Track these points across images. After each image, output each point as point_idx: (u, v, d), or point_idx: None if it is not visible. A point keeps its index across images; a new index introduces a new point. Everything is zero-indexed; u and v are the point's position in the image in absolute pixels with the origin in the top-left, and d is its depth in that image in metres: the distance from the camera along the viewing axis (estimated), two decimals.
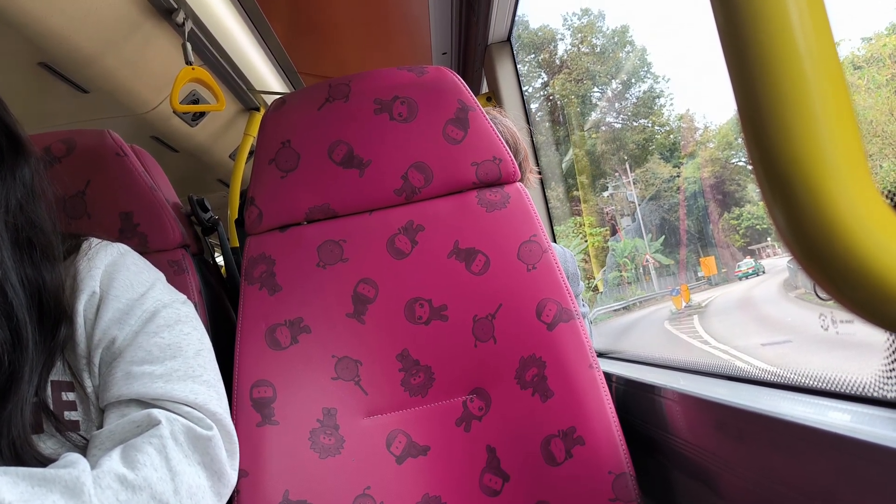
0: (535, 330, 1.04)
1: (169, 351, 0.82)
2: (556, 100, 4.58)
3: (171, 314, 0.86)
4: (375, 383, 1.06)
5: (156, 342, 0.82)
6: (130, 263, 0.88)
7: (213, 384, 0.85)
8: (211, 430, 0.79)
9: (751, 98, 0.34)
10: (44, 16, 1.41)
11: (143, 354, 0.80)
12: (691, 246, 3.96)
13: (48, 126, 1.94)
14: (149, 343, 0.81)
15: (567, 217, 4.16)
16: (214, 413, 0.82)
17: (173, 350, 0.82)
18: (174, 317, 0.86)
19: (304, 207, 1.12)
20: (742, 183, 3.49)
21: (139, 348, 0.81)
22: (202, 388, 0.82)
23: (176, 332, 0.84)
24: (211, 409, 0.81)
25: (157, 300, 0.86)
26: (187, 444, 0.77)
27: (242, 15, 1.96)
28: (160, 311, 0.85)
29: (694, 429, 0.85)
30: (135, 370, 0.79)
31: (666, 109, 4.10)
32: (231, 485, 0.82)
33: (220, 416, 0.82)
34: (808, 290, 2.13)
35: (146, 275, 0.89)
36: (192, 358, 0.83)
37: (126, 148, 1.19)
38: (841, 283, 0.33)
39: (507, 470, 1.00)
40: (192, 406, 0.80)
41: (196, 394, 0.80)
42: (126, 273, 0.86)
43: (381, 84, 1.14)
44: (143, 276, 0.88)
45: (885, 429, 0.53)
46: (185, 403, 0.79)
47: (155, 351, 0.81)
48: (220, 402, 0.84)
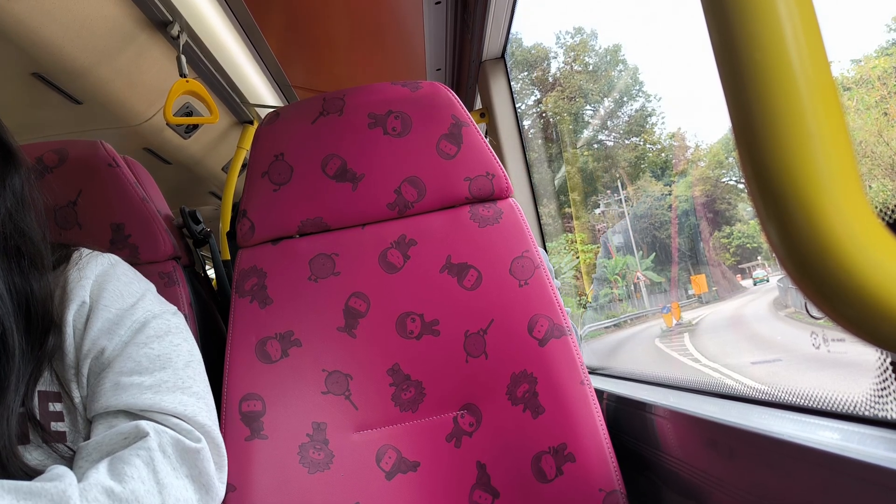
0: (526, 346, 1.04)
1: (158, 362, 0.81)
2: (549, 117, 4.60)
3: (162, 325, 0.85)
4: (366, 398, 1.05)
5: (145, 353, 0.81)
6: (121, 274, 0.88)
7: (203, 396, 0.84)
8: (199, 442, 0.79)
9: (745, 115, 0.34)
10: (38, 26, 1.41)
11: (132, 365, 0.80)
12: (682, 264, 3.97)
13: (41, 136, 1.94)
14: (138, 354, 0.81)
15: (559, 233, 4.16)
16: (203, 425, 0.81)
17: (163, 361, 0.82)
18: (164, 328, 0.85)
19: (296, 220, 1.12)
20: (733, 202, 3.51)
21: (128, 359, 0.80)
22: (191, 399, 0.81)
23: (166, 344, 0.83)
24: (200, 420, 0.81)
25: (147, 311, 0.85)
26: (175, 456, 0.76)
27: (237, 28, 1.96)
28: (150, 321, 0.84)
29: (685, 446, 0.85)
30: (124, 381, 0.78)
31: (657, 128, 4.12)
32: (219, 498, 0.82)
33: (209, 429, 0.82)
34: (798, 308, 2.14)
35: (136, 285, 0.88)
36: (182, 369, 0.83)
37: (118, 159, 1.19)
38: (834, 301, 0.34)
39: (497, 486, 1.00)
40: (180, 418, 0.79)
41: (185, 405, 0.80)
42: (116, 283, 0.86)
43: (375, 98, 1.14)
44: (134, 286, 0.88)
45: (876, 447, 0.53)
46: (173, 415, 0.78)
47: (144, 362, 0.80)
48: (210, 414, 0.84)
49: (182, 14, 1.71)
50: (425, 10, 2.00)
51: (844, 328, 0.34)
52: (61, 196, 1.14)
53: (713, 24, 0.35)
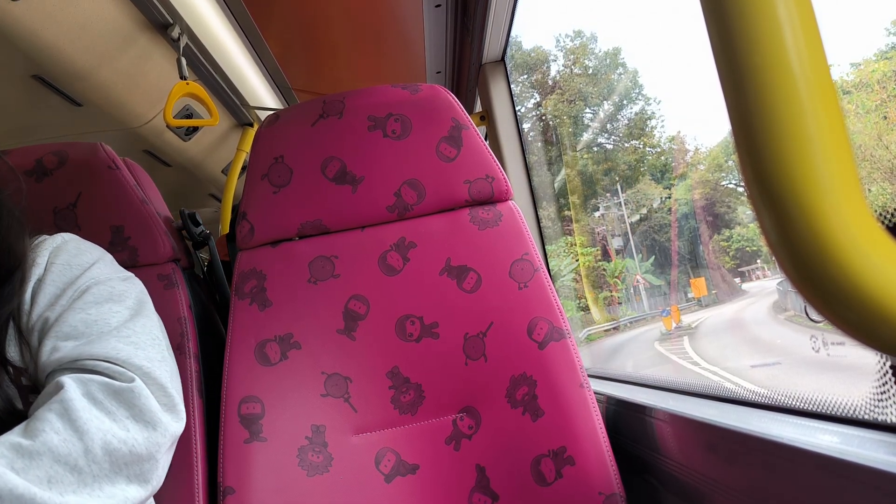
0: (526, 348, 1.04)
1: (95, 326, 0.80)
2: (549, 120, 4.60)
3: (103, 291, 0.84)
4: (365, 400, 1.05)
5: (81, 318, 0.80)
6: (72, 248, 0.88)
7: (143, 346, 0.82)
8: (132, 381, 0.77)
9: (745, 118, 0.34)
10: (38, 28, 1.41)
11: (67, 329, 0.79)
12: (681, 267, 3.97)
13: (41, 138, 1.94)
14: (74, 318, 0.80)
15: (559, 236, 4.17)
16: (139, 366, 0.79)
17: (99, 325, 0.80)
18: (106, 293, 0.84)
19: (296, 223, 1.12)
20: (732, 205, 3.51)
21: (64, 323, 0.79)
22: (124, 345, 0.80)
23: (104, 310, 0.82)
24: (134, 363, 0.79)
25: (91, 278, 0.85)
26: (108, 399, 0.74)
27: (238, 31, 1.96)
28: (91, 287, 0.84)
29: (684, 450, 0.85)
30: (59, 345, 0.78)
31: (657, 131, 4.13)
32: (170, 435, 0.79)
33: (147, 369, 0.79)
34: (798, 311, 2.14)
35: (87, 256, 0.88)
36: (117, 328, 0.81)
37: (118, 161, 1.19)
38: (834, 304, 0.34)
39: (496, 489, 1.00)
40: (110, 361, 0.77)
41: (117, 350, 0.78)
42: (65, 256, 0.86)
43: (375, 101, 1.14)
44: (84, 257, 0.87)
45: (875, 451, 0.53)
46: (102, 359, 0.77)
47: (80, 326, 0.80)
48: (148, 358, 0.81)
49: (182, 16, 1.71)
50: (425, 13, 2.01)
51: (844, 331, 0.34)
52: (61, 198, 1.14)
53: (713, 28, 0.35)
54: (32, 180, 1.13)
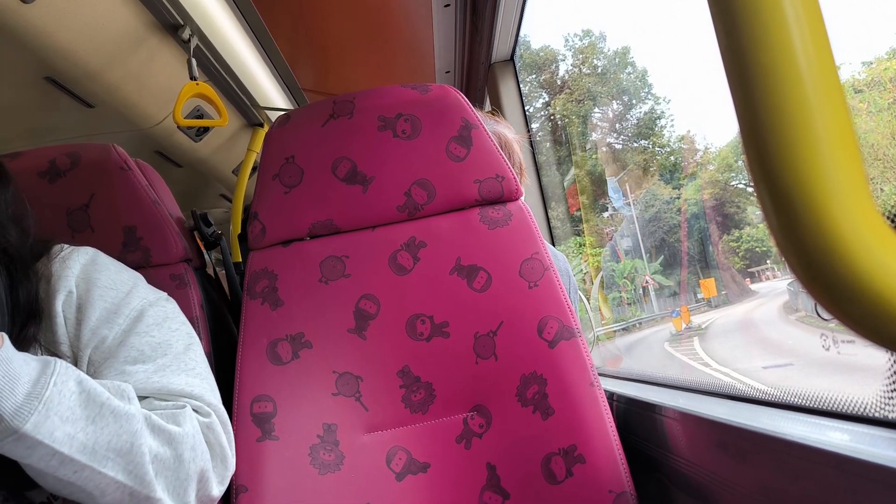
0: (536, 347, 1.04)
1: (160, 349, 0.84)
2: (558, 120, 4.60)
3: (159, 312, 0.88)
4: (376, 399, 1.05)
5: (147, 341, 0.84)
6: (109, 263, 0.90)
7: (206, 377, 0.87)
8: (210, 416, 0.82)
9: (753, 118, 0.34)
10: (50, 31, 1.42)
11: (135, 354, 0.82)
12: (691, 267, 3.96)
13: (54, 140, 1.95)
14: (140, 343, 0.83)
15: (569, 237, 4.16)
16: (211, 403, 0.84)
17: (164, 348, 0.84)
18: (161, 315, 0.88)
19: (307, 223, 1.12)
20: (742, 205, 3.49)
21: (131, 348, 0.82)
22: (196, 380, 0.84)
23: (164, 330, 0.86)
24: (207, 399, 0.84)
25: (143, 298, 0.88)
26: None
27: (248, 32, 1.97)
28: (147, 309, 0.86)
29: (694, 448, 0.85)
30: (128, 369, 0.80)
31: (666, 131, 4.12)
32: (231, 469, 0.85)
33: (216, 406, 0.85)
34: (809, 312, 2.13)
35: (126, 274, 0.91)
36: (182, 353, 0.85)
37: (130, 162, 1.20)
38: (843, 302, 0.34)
39: (507, 488, 1.00)
40: (189, 397, 0.82)
41: (192, 386, 0.83)
42: (107, 273, 0.88)
43: (385, 101, 1.15)
44: (124, 275, 0.90)
45: (887, 449, 0.53)
46: (181, 395, 0.81)
47: (147, 350, 0.83)
48: (214, 393, 0.87)
49: (193, 17, 1.73)
50: (434, 13, 2.01)
51: (853, 330, 0.34)
52: (74, 199, 1.15)
53: (720, 27, 0.35)
54: (46, 181, 1.14)
